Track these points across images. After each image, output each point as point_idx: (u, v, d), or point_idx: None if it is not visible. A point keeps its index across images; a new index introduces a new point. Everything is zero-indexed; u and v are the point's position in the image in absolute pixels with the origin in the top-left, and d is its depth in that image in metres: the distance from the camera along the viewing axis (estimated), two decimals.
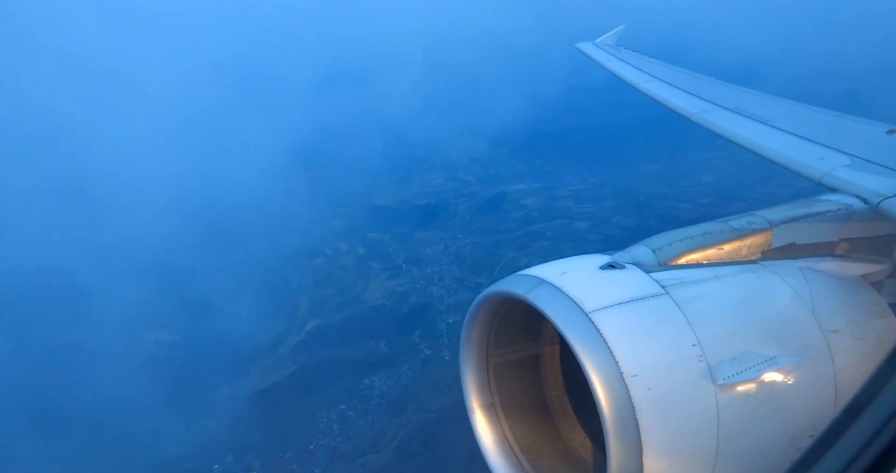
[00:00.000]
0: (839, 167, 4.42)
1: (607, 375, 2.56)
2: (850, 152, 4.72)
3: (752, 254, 3.52)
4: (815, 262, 3.48)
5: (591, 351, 2.60)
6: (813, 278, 3.32)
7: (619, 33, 12.21)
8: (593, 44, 11.81)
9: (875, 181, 4.02)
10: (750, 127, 5.98)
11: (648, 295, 2.88)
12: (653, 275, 3.03)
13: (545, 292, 2.86)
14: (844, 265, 3.53)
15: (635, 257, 3.28)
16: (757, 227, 3.53)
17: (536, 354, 3.68)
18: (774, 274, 3.25)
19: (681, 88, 7.89)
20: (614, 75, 9.66)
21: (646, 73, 9.10)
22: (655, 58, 10.21)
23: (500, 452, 3.38)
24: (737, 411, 2.72)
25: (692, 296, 2.91)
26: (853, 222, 3.70)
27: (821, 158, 4.74)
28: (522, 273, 3.12)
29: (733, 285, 3.13)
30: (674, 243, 3.37)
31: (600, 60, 10.63)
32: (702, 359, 2.70)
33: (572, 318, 2.71)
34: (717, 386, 2.67)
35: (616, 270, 3.05)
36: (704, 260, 3.37)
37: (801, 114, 6.41)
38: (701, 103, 7.08)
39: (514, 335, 3.52)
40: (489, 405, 3.46)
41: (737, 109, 6.57)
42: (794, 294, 3.16)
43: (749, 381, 2.73)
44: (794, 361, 2.87)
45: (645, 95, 8.19)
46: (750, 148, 5.47)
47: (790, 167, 4.81)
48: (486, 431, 3.42)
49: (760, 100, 7.10)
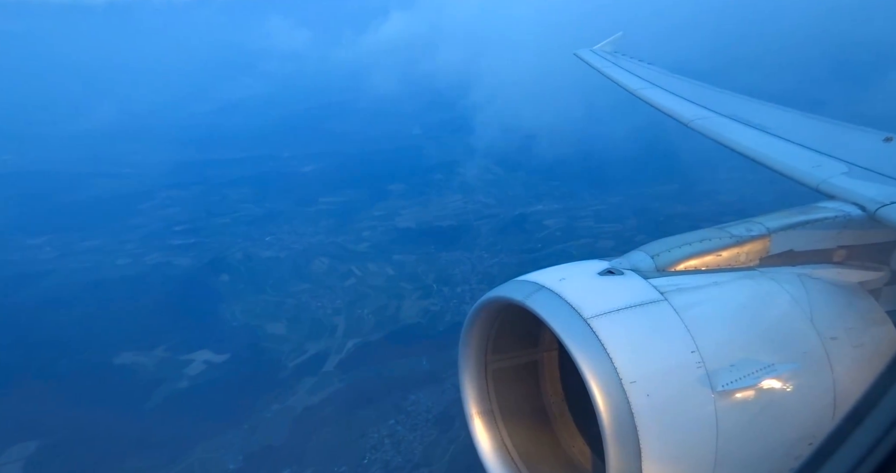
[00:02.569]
0: (837, 175, 4.41)
1: (606, 381, 2.56)
2: (847, 160, 4.70)
3: (751, 261, 3.51)
4: (813, 269, 3.51)
5: (589, 357, 2.60)
6: (811, 285, 3.33)
7: (617, 40, 12.26)
8: (591, 50, 11.78)
9: (872, 189, 4.02)
10: (747, 134, 5.96)
11: (647, 301, 2.89)
12: (651, 281, 3.04)
13: (544, 297, 2.88)
14: (842, 272, 3.55)
15: (634, 263, 3.29)
16: (755, 233, 3.52)
17: (535, 360, 3.68)
18: (773, 281, 3.26)
19: (678, 95, 7.89)
20: (612, 82, 9.70)
21: (643, 79, 9.11)
22: (653, 64, 10.27)
23: (499, 458, 3.38)
24: (735, 418, 2.72)
25: (691, 302, 2.93)
26: (851, 230, 3.71)
27: (818, 165, 4.72)
28: (521, 279, 3.13)
29: (732, 292, 3.15)
30: (672, 249, 3.37)
31: (598, 66, 10.63)
32: (700, 366, 2.71)
33: (571, 324, 2.72)
34: (716, 393, 2.68)
35: (615, 276, 3.08)
36: (703, 266, 3.37)
37: (799, 121, 6.41)
38: (698, 110, 7.07)
39: (512, 341, 3.52)
40: (488, 411, 3.45)
41: (734, 116, 6.57)
42: (792, 301, 3.17)
43: (747, 388, 2.73)
44: (793, 368, 2.88)
45: (643, 102, 8.23)
46: (747, 155, 5.46)
47: (787, 174, 4.78)
48: (484, 437, 3.42)
49: (758, 107, 7.12)
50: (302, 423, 37.01)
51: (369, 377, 40.99)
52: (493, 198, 75.71)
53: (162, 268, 58.91)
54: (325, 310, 51.10)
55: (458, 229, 66.24)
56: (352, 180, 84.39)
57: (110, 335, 45.00)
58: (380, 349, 44.03)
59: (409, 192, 79.45)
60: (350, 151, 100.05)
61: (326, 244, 64.49)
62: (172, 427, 36.20)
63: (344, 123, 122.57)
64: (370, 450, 34.76)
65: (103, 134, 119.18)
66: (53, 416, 36.69)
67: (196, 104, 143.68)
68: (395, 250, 62.21)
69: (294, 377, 41.28)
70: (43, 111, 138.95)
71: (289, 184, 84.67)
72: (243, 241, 65.78)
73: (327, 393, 39.66)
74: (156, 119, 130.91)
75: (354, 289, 54.64)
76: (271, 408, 38.38)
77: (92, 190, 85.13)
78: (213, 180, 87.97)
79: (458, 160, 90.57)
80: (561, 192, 74.90)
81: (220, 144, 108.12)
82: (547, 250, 56.99)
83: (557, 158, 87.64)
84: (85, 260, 60.98)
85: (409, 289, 53.55)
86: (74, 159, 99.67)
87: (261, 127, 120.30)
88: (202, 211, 76.05)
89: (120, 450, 34.54)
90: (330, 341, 45.88)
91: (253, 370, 41.94)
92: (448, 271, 56.26)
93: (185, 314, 48.47)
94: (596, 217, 63.46)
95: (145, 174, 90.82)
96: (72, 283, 54.57)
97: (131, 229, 69.77)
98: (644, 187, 70.17)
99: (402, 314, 49.18)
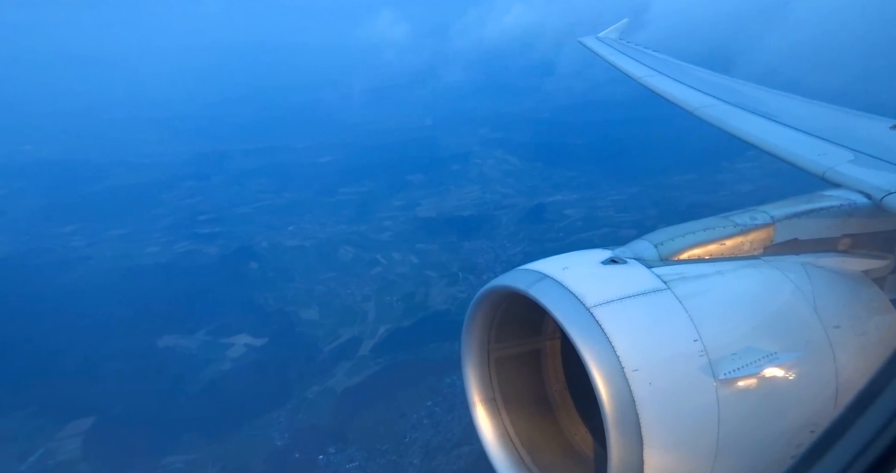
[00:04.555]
0: (842, 163, 4.36)
1: (608, 370, 2.58)
2: (853, 148, 4.65)
3: (754, 249, 3.49)
4: (818, 257, 3.49)
5: (592, 346, 2.62)
6: (815, 274, 3.32)
7: (622, 27, 12.09)
8: (596, 38, 11.61)
9: (879, 177, 3.98)
10: (752, 122, 5.92)
11: (650, 290, 2.90)
12: (654, 270, 3.05)
13: (547, 286, 2.89)
14: (847, 261, 3.54)
15: (637, 252, 3.28)
16: (759, 222, 3.51)
17: (538, 349, 3.69)
18: (776, 270, 3.27)
19: (683, 83, 7.83)
20: (617, 69, 9.58)
21: (648, 67, 9.01)
22: (659, 51, 10.17)
23: (502, 446, 3.39)
24: (738, 406, 2.74)
25: (694, 291, 2.94)
26: (856, 218, 3.68)
27: (824, 153, 4.67)
28: (524, 268, 3.14)
29: (735, 281, 3.15)
30: (675, 237, 3.36)
31: (603, 54, 10.44)
32: (703, 354, 2.72)
33: (574, 313, 2.73)
34: (719, 381, 2.69)
35: (618, 265, 3.08)
36: (706, 255, 3.36)
37: (805, 109, 6.36)
38: (703, 98, 6.99)
39: (515, 329, 3.53)
40: (490, 399, 3.48)
41: (739, 104, 6.50)
42: (795, 290, 3.17)
43: (750, 376, 2.74)
44: (796, 357, 2.88)
45: (648, 90, 8.13)
46: (752, 143, 5.41)
47: (792, 162, 4.73)
48: (487, 425, 3.44)
49: (763, 94, 7.07)
50: (343, 404, 38.50)
51: (404, 361, 42.39)
52: (511, 188, 76.68)
53: (191, 256, 60.40)
54: (355, 297, 52.45)
55: (478, 219, 67.34)
56: (369, 171, 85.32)
57: (151, 320, 46.60)
58: (411, 335, 45.35)
59: (427, 182, 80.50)
60: (363, 142, 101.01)
61: (349, 234, 65.69)
62: (220, 405, 37.89)
63: (353, 114, 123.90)
64: (410, 430, 36.22)
65: (118, 124, 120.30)
66: (106, 394, 38.43)
67: (203, 96, 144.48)
68: (418, 240, 63.38)
69: (331, 361, 42.74)
70: (60, 101, 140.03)
71: (307, 175, 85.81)
72: (266, 230, 67.08)
73: (364, 376, 41.09)
74: (167, 110, 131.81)
75: (381, 277, 55.94)
76: (312, 389, 39.87)
77: (113, 179, 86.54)
78: (230, 171, 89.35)
79: (474, 151, 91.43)
80: (578, 182, 75.83)
81: (233, 136, 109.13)
82: (569, 240, 58.14)
83: (574, 148, 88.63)
84: (115, 248, 62.53)
85: (435, 277, 54.83)
86: (92, 149, 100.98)
87: (269, 118, 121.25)
88: (223, 201, 77.39)
89: (172, 426, 36.25)
90: (362, 326, 47.26)
91: (291, 353, 43.41)
92: (472, 260, 57.51)
93: (220, 299, 49.94)
94: (616, 207, 64.49)
95: (163, 164, 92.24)
96: (107, 269, 56.20)
97: (156, 219, 71.23)
98: (661, 177, 71.09)
99: (431, 301, 50.48)
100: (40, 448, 35.01)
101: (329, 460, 34.68)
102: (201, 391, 39.14)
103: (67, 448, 35.08)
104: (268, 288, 52.92)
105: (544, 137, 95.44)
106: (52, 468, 33.89)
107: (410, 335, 45.35)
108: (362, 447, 35.30)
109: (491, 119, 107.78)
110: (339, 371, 41.69)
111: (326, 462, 34.56)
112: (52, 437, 35.60)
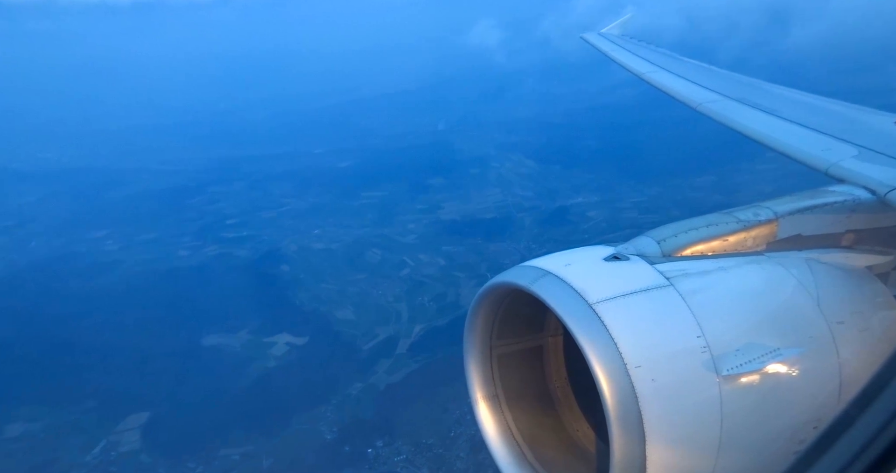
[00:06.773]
0: (846, 158, 4.35)
1: (611, 366, 2.57)
2: (857, 143, 4.63)
3: (758, 245, 3.49)
4: (821, 253, 3.47)
5: (594, 342, 2.61)
6: (818, 270, 3.30)
7: (625, 22, 12.06)
8: (599, 34, 11.60)
9: (882, 172, 3.97)
10: (756, 117, 5.89)
11: (653, 286, 2.88)
12: (657, 266, 3.04)
13: (549, 283, 2.88)
14: (850, 257, 3.51)
15: (640, 248, 3.28)
16: (762, 218, 3.50)
17: (540, 345, 3.69)
18: (779, 266, 3.25)
19: (686, 78, 7.80)
20: (620, 66, 9.55)
21: (651, 63, 9.00)
22: (661, 47, 10.17)
23: (504, 442, 3.40)
24: (740, 402, 2.73)
25: (696, 288, 2.92)
26: (860, 214, 3.67)
27: (827, 148, 4.67)
28: (526, 265, 3.14)
29: (738, 277, 3.14)
30: (679, 234, 3.36)
31: (605, 50, 10.42)
32: (706, 350, 2.70)
33: (576, 309, 2.72)
34: (721, 377, 2.68)
35: (620, 261, 3.07)
36: (709, 251, 3.36)
37: (808, 104, 6.35)
38: (706, 93, 6.99)
39: (517, 326, 3.53)
40: (493, 395, 3.47)
41: (742, 99, 6.46)
42: (799, 286, 3.14)
43: (753, 372, 2.73)
44: (799, 352, 2.87)
45: (651, 86, 8.11)
46: (756, 138, 5.40)
47: (796, 158, 4.73)
48: (489, 421, 3.44)
49: (766, 89, 7.06)
50: (386, 399, 39.57)
51: (441, 359, 43.33)
52: (531, 191, 77.61)
53: (222, 259, 61.72)
54: (387, 298, 53.49)
55: (501, 222, 68.23)
56: (389, 175, 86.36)
57: (192, 320, 47.91)
58: (446, 334, 46.26)
59: (447, 186, 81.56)
60: (379, 146, 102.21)
61: (374, 236, 66.68)
62: (268, 401, 39.13)
63: (368, 119, 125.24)
64: (455, 424, 37.14)
65: (138, 131, 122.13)
66: (158, 391, 39.81)
67: (220, 102, 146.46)
68: (443, 242, 64.21)
69: (371, 359, 43.85)
70: (80, 109, 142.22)
71: (328, 179, 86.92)
72: (293, 234, 68.25)
73: (405, 373, 42.17)
74: (187, 116, 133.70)
75: (410, 278, 56.94)
76: (355, 386, 40.99)
77: (136, 185, 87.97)
78: (253, 176, 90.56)
79: (491, 154, 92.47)
80: (597, 185, 76.67)
81: (253, 141, 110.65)
82: (594, 241, 57.05)
83: (587, 151, 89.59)
84: (147, 252, 63.89)
85: (464, 278, 55.82)
86: (115, 156, 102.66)
87: (287, 124, 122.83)
88: (248, 206, 78.65)
89: (223, 421, 37.52)
90: (397, 326, 48.34)
91: (332, 351, 44.58)
92: (499, 261, 58.33)
93: (257, 300, 51.30)
94: (638, 208, 65.46)
95: (186, 170, 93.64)
96: (143, 272, 57.63)
97: (185, 223, 72.54)
98: (680, 178, 72.06)
99: (462, 301, 51.38)
100: (102, 440, 36.58)
101: (378, 453, 35.73)
102: (249, 388, 40.43)
103: (128, 440, 36.60)
104: (301, 289, 54.13)
105: (559, 140, 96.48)
106: (116, 459, 35.35)
107: (445, 334, 46.28)
108: (409, 441, 36.32)
109: (505, 123, 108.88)
110: (379, 369, 42.78)
111: (375, 455, 35.61)
112: (112, 430, 37.12)
